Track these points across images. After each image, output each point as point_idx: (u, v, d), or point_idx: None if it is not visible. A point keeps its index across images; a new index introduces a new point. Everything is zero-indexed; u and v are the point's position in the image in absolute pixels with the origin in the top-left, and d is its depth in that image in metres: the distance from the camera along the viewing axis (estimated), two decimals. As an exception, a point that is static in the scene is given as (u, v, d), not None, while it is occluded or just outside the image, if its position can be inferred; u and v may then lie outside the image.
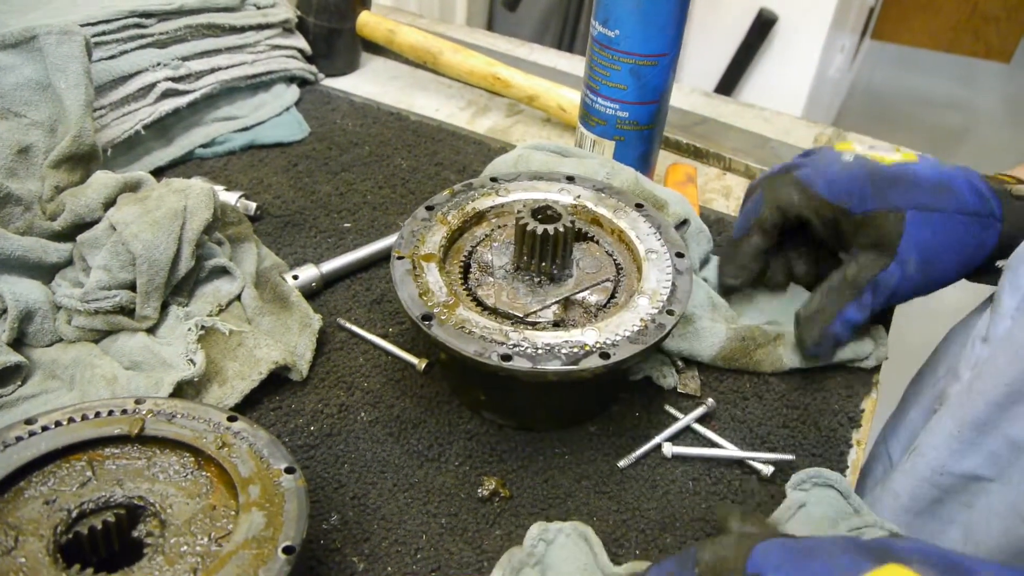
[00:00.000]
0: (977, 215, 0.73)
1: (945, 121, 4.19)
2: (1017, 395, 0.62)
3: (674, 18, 0.82)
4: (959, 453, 0.66)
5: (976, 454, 0.66)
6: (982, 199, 0.74)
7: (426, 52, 1.18)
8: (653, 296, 0.68)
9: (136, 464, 0.61)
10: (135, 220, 0.76)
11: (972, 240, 0.74)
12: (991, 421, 0.64)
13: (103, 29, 0.95)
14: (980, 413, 0.64)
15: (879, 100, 4.26)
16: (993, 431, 0.64)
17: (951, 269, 0.75)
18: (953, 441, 0.67)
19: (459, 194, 0.77)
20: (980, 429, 0.65)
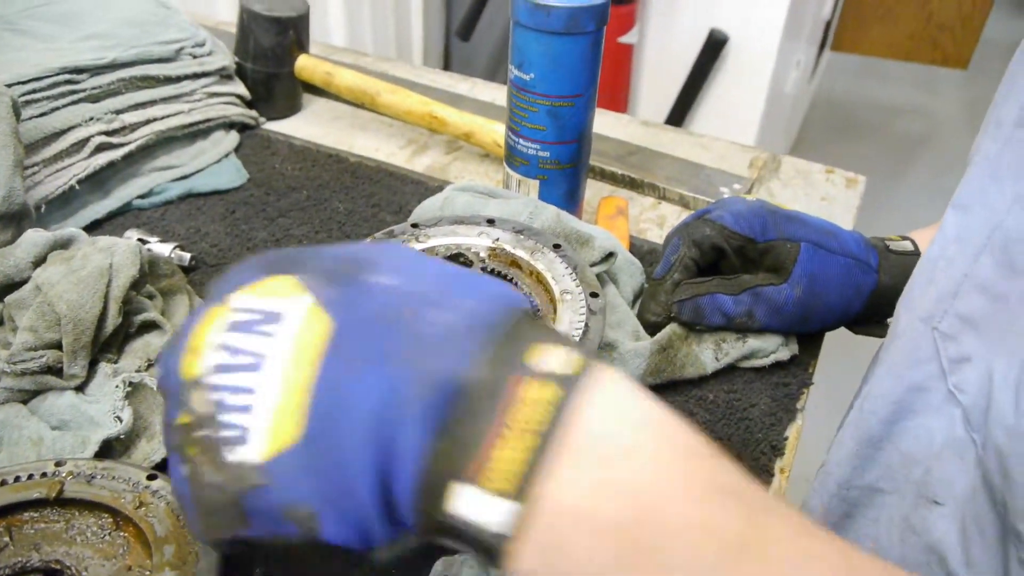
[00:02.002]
0: (857, 260, 0.84)
1: (907, 128, 4.27)
2: (902, 412, 0.65)
3: (586, 60, 0.84)
4: (860, 468, 0.69)
5: (874, 467, 0.68)
6: (862, 249, 0.85)
7: (363, 93, 1.19)
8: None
9: (54, 527, 0.62)
10: (60, 280, 0.77)
11: (852, 282, 0.83)
12: (884, 436, 0.67)
13: (33, 87, 0.96)
14: (873, 430, 0.67)
15: (842, 110, 4.32)
16: (887, 445, 0.67)
17: (834, 303, 0.84)
18: (854, 457, 0.69)
19: (379, 242, 0.78)
20: (875, 445, 0.68)
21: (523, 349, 0.36)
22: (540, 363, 0.35)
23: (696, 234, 0.83)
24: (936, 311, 0.64)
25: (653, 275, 0.85)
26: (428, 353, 0.36)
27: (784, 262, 0.82)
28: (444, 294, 0.38)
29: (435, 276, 0.40)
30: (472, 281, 0.40)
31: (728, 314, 0.82)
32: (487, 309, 0.38)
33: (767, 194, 1.17)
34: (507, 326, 0.37)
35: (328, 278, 0.38)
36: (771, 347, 0.84)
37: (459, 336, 0.36)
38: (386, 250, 0.42)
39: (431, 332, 0.36)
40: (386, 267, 0.39)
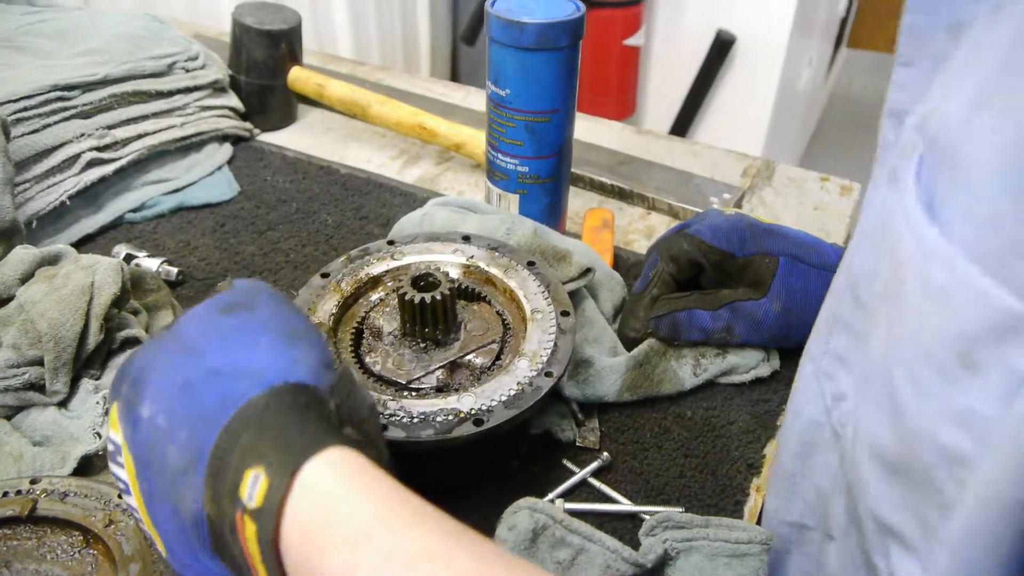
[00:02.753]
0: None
1: (926, 126, 4.20)
2: (809, 447, 0.65)
3: (561, 76, 0.84)
4: (786, 504, 0.68)
5: (797, 503, 0.68)
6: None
7: (355, 105, 1.20)
8: (533, 357, 0.69)
9: (26, 545, 0.63)
10: (42, 298, 0.78)
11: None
12: (798, 471, 0.67)
13: (24, 105, 0.97)
14: (786, 465, 0.67)
15: (859, 108, 4.27)
16: (803, 481, 0.66)
17: (814, 316, 0.79)
18: (779, 493, 0.69)
19: (355, 260, 0.79)
20: (793, 480, 0.67)
21: (236, 480, 0.42)
22: (247, 497, 0.42)
23: (673, 249, 0.83)
24: (816, 350, 0.64)
25: (633, 290, 0.85)
26: (179, 494, 0.45)
27: (763, 277, 0.82)
28: (172, 423, 0.46)
29: (169, 396, 0.48)
30: (207, 390, 0.47)
31: (706, 329, 0.82)
32: (201, 437, 0.45)
33: (759, 202, 1.17)
34: (219, 454, 0.44)
35: (125, 412, 0.50)
36: (751, 363, 0.84)
37: (187, 475, 0.45)
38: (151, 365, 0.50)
39: (168, 471, 0.46)
40: (147, 394, 0.48)
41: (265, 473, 0.42)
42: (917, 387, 0.45)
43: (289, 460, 0.42)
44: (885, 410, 0.49)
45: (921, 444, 0.45)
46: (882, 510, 0.52)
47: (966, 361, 0.40)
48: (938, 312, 0.42)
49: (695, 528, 0.68)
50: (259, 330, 0.50)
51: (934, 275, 0.41)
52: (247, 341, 0.49)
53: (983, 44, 0.43)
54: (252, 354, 0.48)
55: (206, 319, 0.51)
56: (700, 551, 0.67)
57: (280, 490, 0.41)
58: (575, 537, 0.61)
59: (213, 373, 0.47)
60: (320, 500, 0.41)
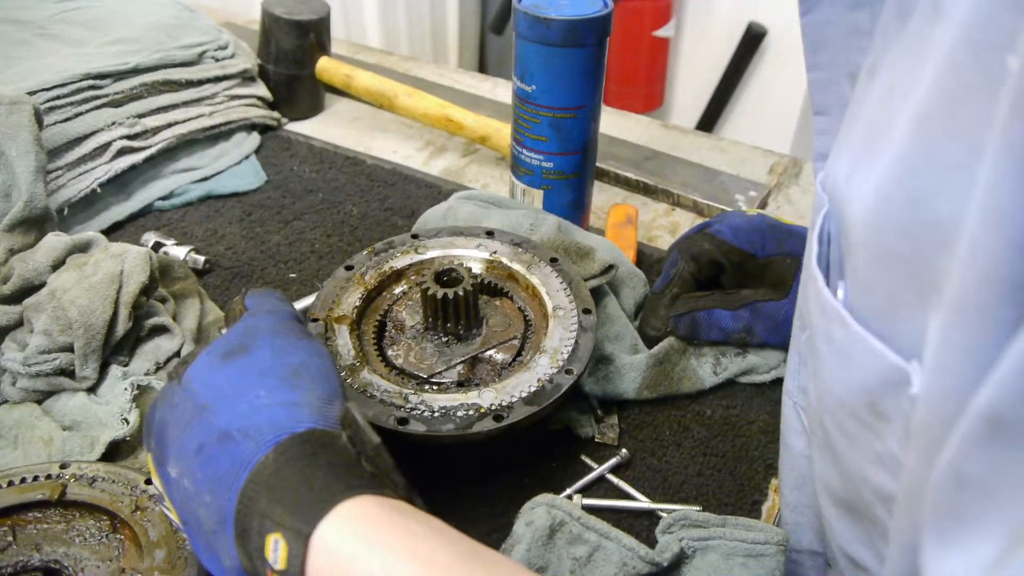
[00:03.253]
0: None
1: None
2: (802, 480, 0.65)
3: (588, 72, 0.84)
4: (795, 533, 0.68)
5: (805, 532, 0.68)
6: None
7: (381, 96, 1.21)
8: (554, 355, 0.70)
9: (55, 528, 0.65)
10: (73, 286, 0.80)
11: None
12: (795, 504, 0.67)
13: (57, 93, 0.99)
14: (788, 497, 0.68)
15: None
16: (806, 511, 0.66)
17: None
18: (788, 521, 0.69)
19: (379, 252, 0.80)
20: (797, 511, 0.68)
21: (260, 545, 0.44)
22: (272, 560, 0.44)
23: (694, 249, 0.83)
24: (792, 384, 0.65)
25: (653, 288, 0.85)
26: (218, 551, 0.48)
27: (784, 277, 0.82)
28: (198, 487, 0.49)
29: (189, 460, 0.50)
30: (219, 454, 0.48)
31: (726, 329, 0.82)
32: (222, 503, 0.47)
33: (785, 200, 1.16)
34: (241, 521, 0.46)
35: (157, 467, 0.53)
36: (771, 363, 0.83)
37: (220, 536, 0.47)
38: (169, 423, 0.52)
39: (206, 532, 0.48)
40: (171, 456, 0.51)
41: (283, 539, 0.43)
42: (843, 432, 0.47)
43: (302, 524, 0.43)
44: (827, 453, 0.51)
45: (857, 484, 0.47)
46: (846, 545, 0.53)
47: (874, 410, 0.42)
48: (843, 367, 0.44)
49: (712, 527, 0.68)
50: (258, 378, 0.51)
51: (835, 333, 0.44)
52: (248, 394, 0.50)
53: (863, 101, 0.45)
54: (255, 409, 0.49)
55: (208, 372, 0.52)
56: (716, 550, 0.67)
57: (299, 555, 0.43)
58: (592, 534, 0.62)
59: (222, 436, 0.49)
60: (336, 560, 0.42)
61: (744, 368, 0.83)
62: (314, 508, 0.44)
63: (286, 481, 0.45)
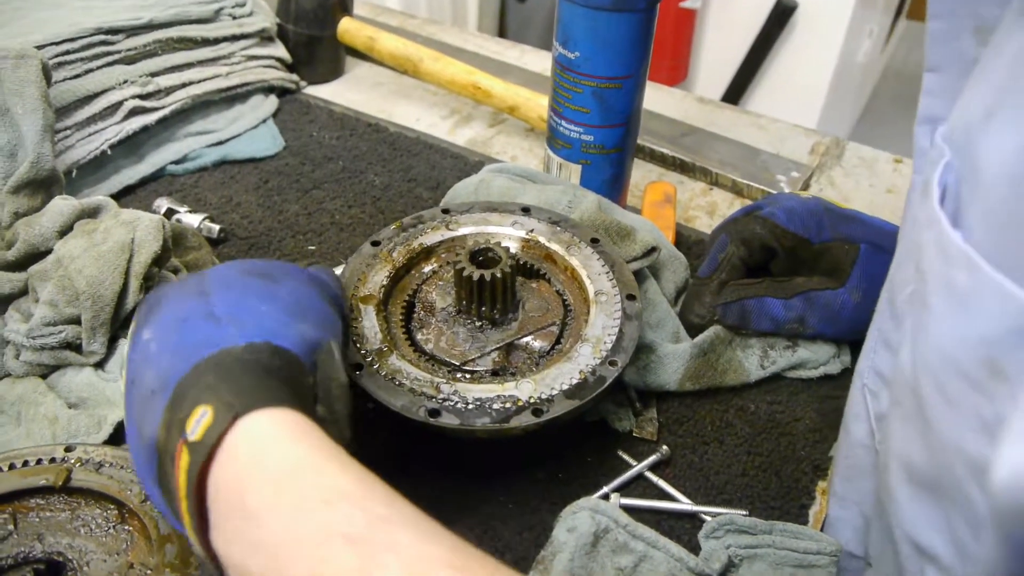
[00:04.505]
0: None
1: (984, 103, 4.04)
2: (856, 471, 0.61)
3: (637, 39, 0.78)
4: (836, 531, 0.65)
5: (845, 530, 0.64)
6: None
7: (406, 60, 1.15)
8: (597, 344, 0.65)
9: (59, 517, 0.60)
10: (81, 255, 0.75)
11: None
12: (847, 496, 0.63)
13: (67, 48, 0.93)
14: (837, 488, 0.63)
15: (915, 83, 4.09)
16: (851, 507, 0.63)
17: None
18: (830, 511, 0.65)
19: (408, 228, 0.75)
20: (842, 504, 0.64)
21: (187, 413, 0.44)
22: (190, 429, 0.43)
23: (745, 232, 0.78)
24: (863, 366, 0.61)
25: (698, 273, 0.80)
26: (144, 416, 0.47)
27: (841, 265, 0.76)
28: (161, 350, 0.49)
29: (168, 326, 0.50)
30: (198, 329, 0.49)
31: (777, 319, 0.76)
32: (175, 367, 0.47)
33: (828, 183, 1.10)
34: (183, 385, 0.46)
35: (132, 332, 0.53)
36: (822, 359, 0.78)
37: (155, 398, 0.47)
38: (166, 297, 0.53)
39: (143, 393, 0.48)
40: (152, 321, 0.51)
41: (212, 410, 0.43)
42: (944, 397, 0.44)
43: (238, 404, 0.43)
44: (915, 424, 0.48)
45: (950, 456, 0.44)
46: (917, 531, 0.49)
47: (991, 367, 0.39)
48: (961, 317, 0.41)
49: (759, 534, 0.64)
50: (269, 296, 0.52)
51: (957, 279, 0.41)
52: (254, 300, 0.51)
53: (1003, 48, 0.43)
54: (252, 310, 0.50)
55: (229, 274, 0.54)
56: (764, 559, 0.63)
57: (220, 427, 0.42)
58: (639, 543, 0.57)
59: (209, 316, 0.50)
60: (255, 444, 0.42)
61: (793, 362, 0.78)
62: (257, 399, 0.44)
63: (244, 370, 0.46)
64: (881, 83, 3.92)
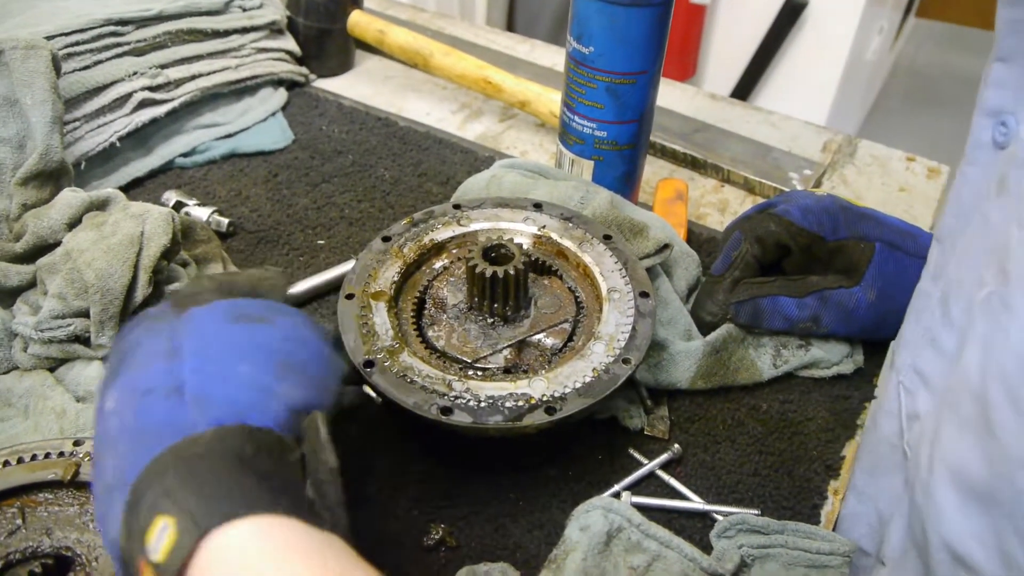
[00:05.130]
0: None
1: (993, 103, 4.02)
2: (880, 466, 0.60)
3: (652, 35, 0.77)
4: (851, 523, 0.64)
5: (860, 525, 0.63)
6: None
7: (416, 54, 1.14)
8: (610, 342, 0.64)
9: (68, 511, 0.60)
10: (90, 247, 0.74)
11: None
12: (865, 491, 0.62)
13: (77, 39, 0.93)
14: (859, 482, 0.62)
15: (923, 80, 4.10)
16: (868, 503, 0.62)
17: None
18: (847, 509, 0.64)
19: (419, 223, 0.74)
20: (862, 500, 0.63)
21: (146, 525, 0.38)
22: (150, 546, 0.37)
23: (760, 229, 0.77)
24: (904, 362, 0.60)
25: (711, 270, 0.79)
26: (105, 513, 0.41)
27: (857, 263, 0.75)
28: (120, 431, 0.43)
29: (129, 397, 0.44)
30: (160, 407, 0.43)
31: (791, 318, 0.76)
32: (133, 459, 0.41)
33: (840, 181, 1.09)
34: (140, 486, 0.39)
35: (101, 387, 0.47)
36: (835, 358, 0.78)
37: (113, 496, 0.41)
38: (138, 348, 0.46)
39: (103, 484, 0.42)
40: (117, 384, 0.45)
41: (174, 525, 0.37)
42: (1016, 407, 0.42)
43: (204, 518, 0.37)
44: (974, 431, 0.46)
45: (1013, 468, 0.42)
46: (958, 540, 0.48)
47: None
48: None
49: (772, 534, 0.63)
50: (251, 350, 0.45)
51: None
52: (228, 362, 0.44)
53: None
54: (223, 380, 0.44)
55: (210, 322, 0.47)
56: (776, 559, 0.62)
57: (184, 548, 0.36)
58: (652, 542, 0.57)
59: (174, 390, 0.43)
60: (230, 570, 0.36)
61: (806, 362, 0.77)
62: (227, 507, 0.37)
63: (208, 470, 0.39)
64: (889, 81, 3.91)
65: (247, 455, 0.40)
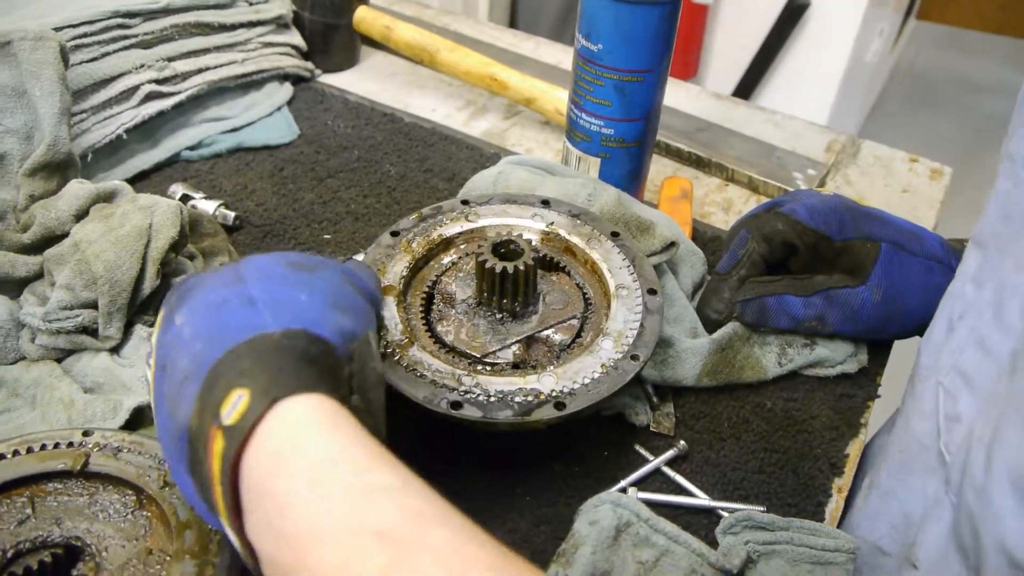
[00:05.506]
0: (941, 264, 0.77)
1: (992, 106, 4.04)
2: (908, 466, 0.60)
3: (660, 33, 0.78)
4: (870, 521, 0.64)
5: (882, 524, 0.63)
6: (946, 251, 0.78)
7: (422, 50, 1.14)
8: (618, 338, 0.64)
9: (77, 501, 0.60)
10: (98, 239, 0.75)
11: (936, 285, 0.75)
12: (890, 490, 0.62)
13: (84, 31, 0.93)
14: (884, 482, 0.62)
15: (923, 83, 4.11)
16: (893, 502, 0.62)
17: (916, 308, 0.77)
18: (865, 506, 0.64)
19: (427, 218, 0.74)
20: (885, 499, 0.63)
21: (221, 398, 0.43)
22: (225, 414, 0.42)
23: (767, 228, 0.77)
24: (943, 364, 0.60)
25: (717, 268, 0.80)
26: (177, 402, 0.46)
27: (862, 263, 0.76)
28: (194, 335, 0.47)
29: (202, 311, 0.49)
30: (234, 313, 0.48)
31: (797, 317, 0.76)
32: (210, 351, 0.45)
33: (844, 181, 1.10)
34: (218, 369, 0.44)
35: (163, 318, 0.51)
36: (839, 357, 0.78)
37: (188, 383, 0.45)
38: (200, 284, 0.51)
39: (176, 378, 0.46)
40: (185, 306, 0.49)
41: (249, 394, 0.42)
42: None
43: (275, 388, 0.42)
44: None
45: None
46: (1017, 546, 0.47)
47: None
48: None
49: (777, 530, 0.63)
50: (307, 287, 0.51)
51: None
52: (291, 289, 0.50)
53: None
54: (289, 298, 0.49)
55: (266, 262, 0.52)
56: (781, 555, 0.63)
57: (256, 412, 0.41)
58: (660, 537, 0.57)
59: (246, 300, 0.48)
60: (292, 431, 0.41)
61: (811, 361, 0.78)
62: (293, 385, 0.43)
63: (280, 356, 0.45)
64: (889, 83, 3.92)
65: (310, 354, 0.46)
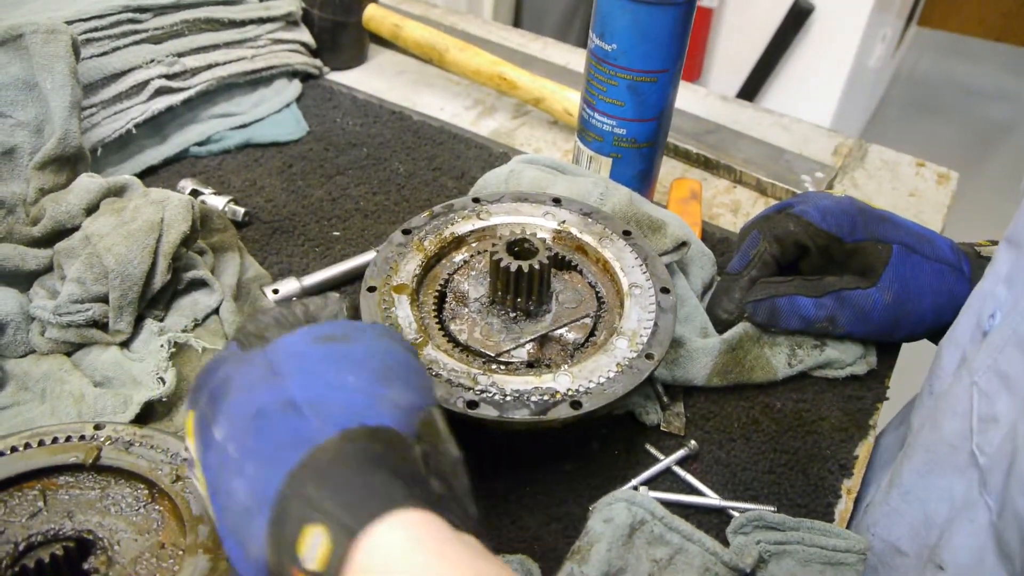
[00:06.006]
0: (952, 267, 0.78)
1: (992, 113, 4.04)
2: (933, 467, 0.60)
3: (675, 33, 0.78)
4: (887, 520, 0.64)
5: (901, 524, 0.63)
6: (956, 255, 0.79)
7: (431, 49, 1.14)
8: (632, 337, 0.64)
9: (89, 495, 0.60)
10: (110, 232, 0.74)
11: (946, 288, 0.77)
12: (913, 490, 0.62)
13: (95, 25, 0.93)
14: (906, 481, 0.62)
15: (924, 89, 4.11)
16: (915, 502, 0.62)
17: (926, 310, 0.77)
18: (883, 505, 0.64)
19: (438, 216, 0.74)
20: (906, 499, 0.63)
21: (295, 536, 0.39)
22: (306, 557, 0.38)
23: (778, 229, 0.77)
24: (980, 364, 0.59)
25: (727, 268, 0.80)
26: (244, 534, 0.41)
27: (873, 265, 0.76)
28: (243, 456, 0.43)
29: (242, 425, 0.44)
30: (279, 424, 0.43)
31: (807, 318, 0.76)
32: (267, 478, 0.41)
33: (851, 184, 1.10)
34: (283, 502, 0.40)
35: (199, 428, 0.46)
36: (849, 359, 0.78)
37: (253, 517, 0.41)
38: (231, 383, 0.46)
39: (236, 509, 0.42)
40: (222, 415, 0.45)
41: (327, 534, 0.38)
42: None
43: (352, 522, 0.38)
44: None
45: None
46: None
47: None
48: None
49: (788, 530, 0.64)
50: (349, 364, 0.46)
51: None
52: (332, 375, 0.45)
53: None
54: (333, 389, 0.44)
55: (300, 344, 0.47)
56: (792, 555, 0.63)
57: (340, 553, 0.38)
58: (675, 536, 0.57)
59: (288, 406, 0.43)
60: (383, 566, 0.37)
61: (821, 362, 0.78)
62: (370, 508, 0.38)
63: (346, 470, 0.40)
64: (891, 88, 3.93)
65: (376, 453, 0.41)
